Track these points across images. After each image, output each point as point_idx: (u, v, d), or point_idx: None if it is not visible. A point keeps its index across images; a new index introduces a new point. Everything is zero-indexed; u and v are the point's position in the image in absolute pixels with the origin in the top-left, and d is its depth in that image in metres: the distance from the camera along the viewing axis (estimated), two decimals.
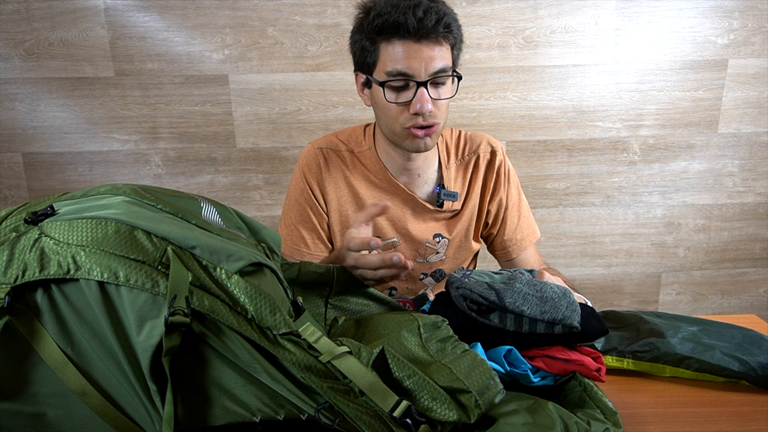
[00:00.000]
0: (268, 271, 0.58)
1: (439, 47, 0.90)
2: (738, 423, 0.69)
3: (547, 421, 0.55)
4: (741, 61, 1.80)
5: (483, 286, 0.70)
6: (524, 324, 0.67)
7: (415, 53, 0.89)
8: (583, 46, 1.77)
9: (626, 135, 1.86)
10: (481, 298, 0.68)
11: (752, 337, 0.82)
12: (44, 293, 0.49)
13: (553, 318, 0.66)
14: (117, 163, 1.81)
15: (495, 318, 0.68)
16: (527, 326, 0.67)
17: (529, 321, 0.67)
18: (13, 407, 0.47)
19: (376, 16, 0.90)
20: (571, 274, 2.00)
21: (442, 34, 0.89)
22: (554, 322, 0.66)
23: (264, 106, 1.78)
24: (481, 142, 1.11)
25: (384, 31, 0.89)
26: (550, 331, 0.67)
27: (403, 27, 0.87)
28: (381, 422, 0.50)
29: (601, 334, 0.70)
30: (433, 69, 0.90)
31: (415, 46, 0.89)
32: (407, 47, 0.89)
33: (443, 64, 0.91)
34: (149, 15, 1.69)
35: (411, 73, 0.90)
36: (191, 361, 0.50)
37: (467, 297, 0.70)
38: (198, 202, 0.65)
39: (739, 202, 1.94)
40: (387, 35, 0.90)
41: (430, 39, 0.89)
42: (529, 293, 0.68)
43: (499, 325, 0.68)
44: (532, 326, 0.67)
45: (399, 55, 0.89)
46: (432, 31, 0.88)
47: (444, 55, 0.91)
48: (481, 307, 0.69)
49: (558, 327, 0.67)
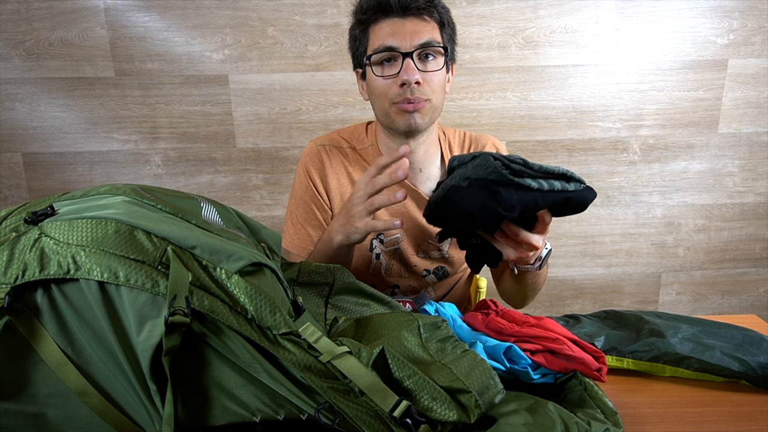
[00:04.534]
0: (268, 271, 0.58)
1: (424, 23, 0.94)
2: (738, 423, 0.68)
3: (547, 421, 0.55)
4: (741, 61, 1.80)
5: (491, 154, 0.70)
6: (543, 183, 0.67)
7: (399, 28, 0.93)
8: (583, 46, 1.77)
9: (626, 135, 1.86)
10: (506, 159, 0.68)
11: (752, 337, 0.82)
12: (44, 293, 0.49)
13: (566, 171, 0.68)
14: (117, 163, 1.82)
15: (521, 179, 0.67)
16: (546, 184, 0.67)
17: (545, 180, 0.68)
18: (13, 407, 0.47)
19: (363, 1, 0.96)
20: (571, 274, 2.00)
21: (424, 6, 0.94)
22: (567, 176, 0.68)
23: (264, 106, 1.78)
24: (486, 143, 1.12)
25: (370, 12, 0.95)
26: (565, 187, 0.68)
27: (385, 4, 0.93)
28: (381, 422, 0.50)
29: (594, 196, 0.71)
30: (418, 41, 0.93)
31: (399, 21, 0.94)
32: (393, 24, 0.94)
33: (429, 37, 0.94)
34: (149, 15, 1.69)
35: (396, 46, 0.93)
36: (191, 361, 0.50)
37: (497, 157, 0.68)
38: (198, 202, 0.65)
39: (739, 202, 1.94)
40: (374, 17, 0.95)
41: (414, 14, 0.94)
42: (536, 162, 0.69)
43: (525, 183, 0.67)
44: (550, 184, 0.68)
45: (385, 31, 0.94)
46: (413, 3, 0.92)
47: (430, 30, 0.95)
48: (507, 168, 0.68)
49: (572, 183, 0.68)
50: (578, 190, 0.69)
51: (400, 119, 0.97)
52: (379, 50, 0.94)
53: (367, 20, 0.97)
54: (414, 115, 0.96)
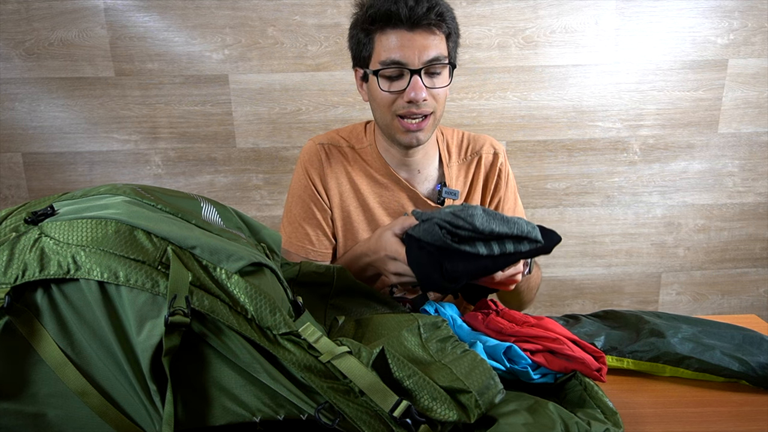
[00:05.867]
0: (268, 271, 0.58)
1: (432, 36, 0.91)
2: (738, 423, 0.69)
3: (547, 421, 0.55)
4: (741, 61, 1.80)
5: (448, 215, 0.71)
6: (494, 247, 0.69)
7: (408, 42, 0.90)
8: (583, 46, 1.77)
9: (626, 135, 1.86)
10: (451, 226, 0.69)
11: (752, 337, 0.82)
12: (44, 293, 0.49)
13: (521, 232, 0.69)
14: (117, 163, 1.81)
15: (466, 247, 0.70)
16: (497, 248, 0.69)
17: (497, 243, 0.69)
18: (13, 407, 0.47)
19: (369, 7, 0.92)
20: (571, 274, 2.00)
21: (434, 22, 0.90)
22: (521, 237, 0.69)
23: (264, 106, 1.78)
24: (484, 144, 1.11)
25: (377, 21, 0.91)
26: (518, 249, 0.70)
27: (395, 16, 0.89)
28: (381, 422, 0.50)
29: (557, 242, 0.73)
30: (426, 57, 0.91)
31: (408, 35, 0.90)
32: (400, 36, 0.90)
33: (437, 52, 0.92)
34: (149, 15, 1.69)
35: (404, 62, 0.91)
36: (191, 361, 0.50)
37: (443, 226, 0.70)
38: (198, 202, 0.65)
39: (739, 202, 1.94)
40: (380, 26, 0.91)
41: (423, 27, 0.90)
42: (491, 215, 0.71)
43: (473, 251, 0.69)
44: (501, 247, 0.69)
45: (393, 44, 0.91)
46: (424, 18, 0.89)
47: (438, 44, 0.92)
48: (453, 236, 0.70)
49: (525, 243, 0.70)
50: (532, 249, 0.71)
51: (402, 136, 0.97)
52: (386, 64, 0.91)
53: (374, 29, 0.94)
54: (417, 134, 0.96)
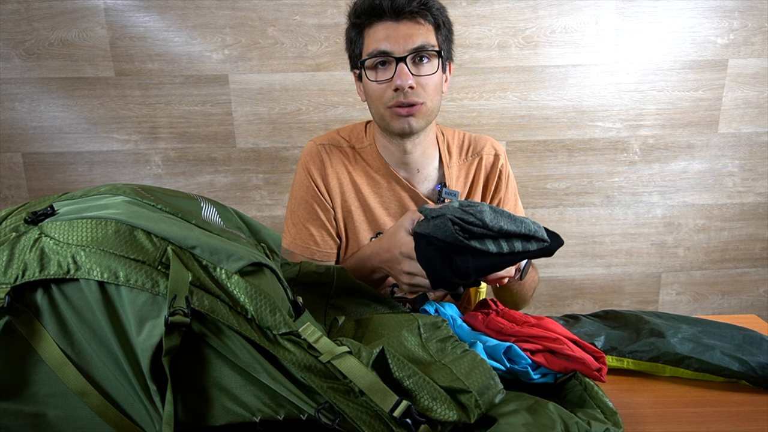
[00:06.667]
0: (268, 271, 0.58)
1: (418, 26, 0.94)
2: (738, 423, 0.68)
3: (547, 421, 0.55)
4: (741, 61, 1.80)
5: (459, 211, 0.71)
6: (503, 244, 0.69)
7: (393, 32, 0.93)
8: (583, 46, 1.77)
9: (626, 135, 1.86)
10: (464, 222, 0.69)
11: (752, 337, 0.82)
12: (44, 293, 0.49)
13: (528, 230, 0.69)
14: (117, 163, 1.82)
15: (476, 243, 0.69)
16: (506, 246, 0.69)
17: (506, 240, 0.69)
18: (13, 407, 0.47)
19: (357, 4, 0.96)
20: (571, 274, 2.00)
21: (417, 10, 0.93)
22: (528, 236, 0.69)
23: (264, 106, 1.78)
24: (485, 145, 1.12)
25: (363, 15, 0.95)
26: (526, 248, 0.70)
27: (378, 7, 0.92)
28: (381, 422, 0.50)
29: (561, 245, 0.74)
30: (412, 45, 0.93)
31: (393, 25, 0.93)
32: (387, 28, 0.94)
33: (423, 41, 0.93)
34: (149, 15, 1.69)
35: (390, 51, 0.93)
36: (191, 361, 0.49)
37: (455, 222, 0.69)
38: (198, 202, 0.65)
39: (739, 202, 1.94)
40: (368, 20, 0.95)
41: (408, 17, 0.93)
42: (498, 212, 0.70)
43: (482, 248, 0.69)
44: (510, 245, 0.69)
45: (380, 35, 0.94)
46: (407, 6, 0.92)
47: (424, 33, 0.94)
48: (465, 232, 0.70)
49: (533, 242, 0.70)
50: (539, 249, 0.71)
51: (395, 123, 0.98)
52: (373, 54, 0.94)
53: (362, 24, 0.97)
54: (409, 119, 0.96)
